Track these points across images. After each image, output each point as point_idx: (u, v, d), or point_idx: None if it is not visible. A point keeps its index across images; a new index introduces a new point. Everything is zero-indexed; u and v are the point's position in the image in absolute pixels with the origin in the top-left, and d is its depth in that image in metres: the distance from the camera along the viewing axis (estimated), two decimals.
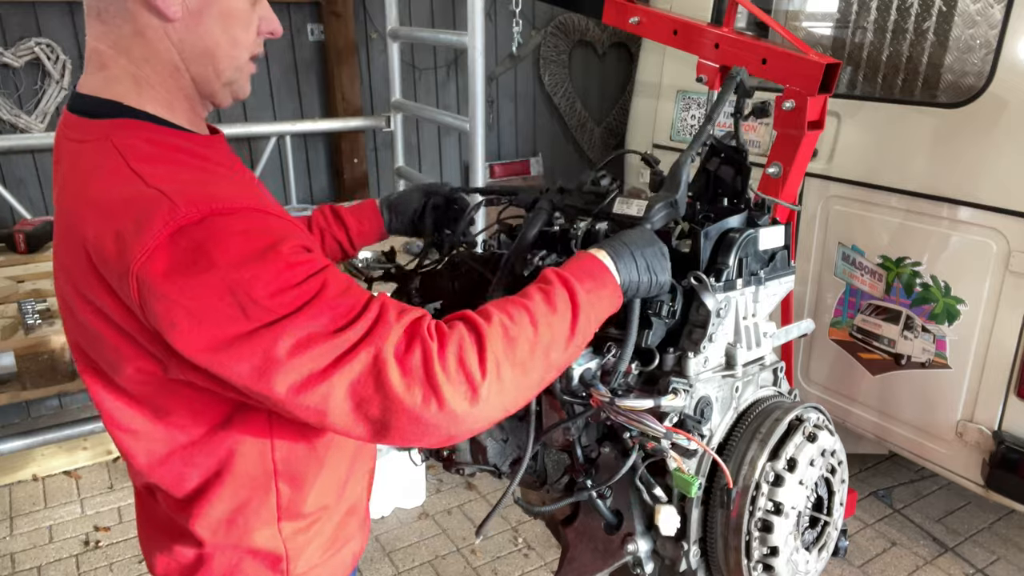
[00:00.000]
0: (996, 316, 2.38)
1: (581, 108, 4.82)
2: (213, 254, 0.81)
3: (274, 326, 0.81)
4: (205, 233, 0.82)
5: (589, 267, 1.00)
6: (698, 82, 2.35)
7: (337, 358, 0.82)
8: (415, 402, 0.83)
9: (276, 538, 1.06)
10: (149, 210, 0.82)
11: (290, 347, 0.81)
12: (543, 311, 0.92)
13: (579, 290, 0.96)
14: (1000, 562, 2.82)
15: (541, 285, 0.96)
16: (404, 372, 0.83)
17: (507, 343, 0.88)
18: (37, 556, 2.83)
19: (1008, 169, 2.30)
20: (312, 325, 0.82)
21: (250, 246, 0.83)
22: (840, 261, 2.81)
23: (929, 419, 2.62)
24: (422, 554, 2.85)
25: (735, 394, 1.19)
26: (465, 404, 0.84)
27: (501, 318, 0.90)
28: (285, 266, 0.83)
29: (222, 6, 0.94)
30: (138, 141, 0.90)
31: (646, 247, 1.04)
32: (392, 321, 0.85)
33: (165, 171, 0.87)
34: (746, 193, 1.26)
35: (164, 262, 0.81)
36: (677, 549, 1.16)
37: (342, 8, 3.78)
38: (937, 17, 2.64)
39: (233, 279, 0.81)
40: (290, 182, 3.82)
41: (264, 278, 0.82)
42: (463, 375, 0.85)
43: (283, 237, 0.85)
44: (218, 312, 0.81)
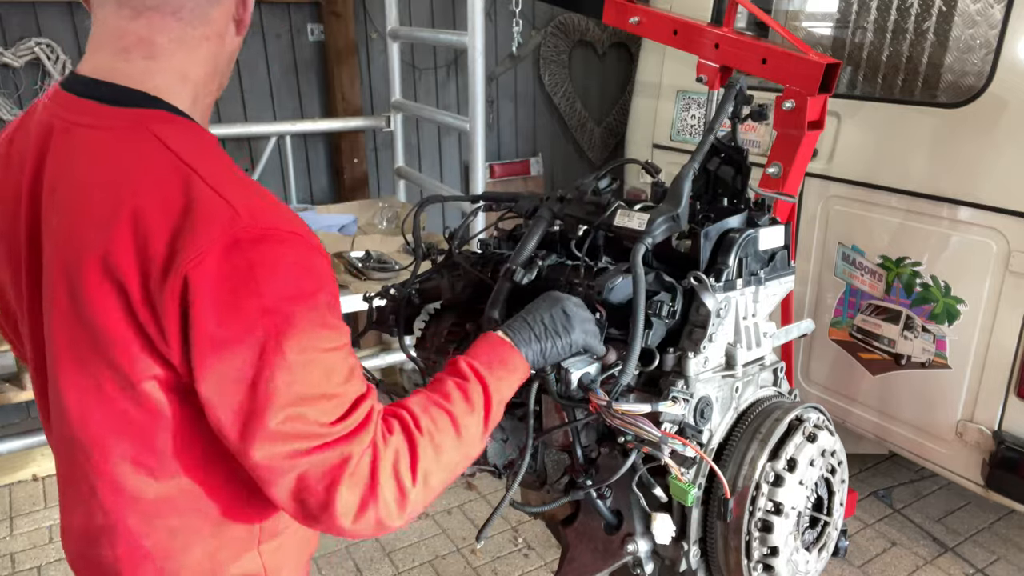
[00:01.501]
0: (996, 316, 2.38)
1: (581, 108, 4.81)
2: (261, 282, 0.82)
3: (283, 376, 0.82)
4: (259, 256, 0.82)
5: (499, 353, 1.05)
6: (698, 82, 2.35)
7: (316, 447, 0.85)
8: (353, 504, 0.87)
9: (256, 560, 1.06)
10: (211, 213, 0.82)
11: (284, 418, 0.83)
12: (463, 411, 0.98)
13: (491, 383, 1.01)
14: (1000, 562, 2.82)
15: (458, 380, 1.01)
16: (353, 479, 0.86)
17: (435, 451, 0.93)
18: (37, 556, 2.83)
19: (1008, 169, 2.30)
20: (312, 403, 0.84)
21: (297, 286, 0.84)
22: (840, 261, 2.81)
23: (929, 419, 2.62)
24: (422, 554, 2.85)
25: (735, 394, 1.19)
26: (393, 507, 0.89)
27: (429, 427, 0.94)
28: (320, 323, 0.85)
29: (246, 23, 1.00)
30: (180, 132, 0.90)
31: (545, 313, 1.08)
32: (371, 425, 0.89)
33: (215, 168, 0.87)
34: (746, 193, 1.26)
35: (214, 274, 0.80)
36: (677, 549, 1.16)
37: (342, 8, 3.78)
38: (937, 17, 2.64)
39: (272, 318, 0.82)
40: (290, 182, 3.81)
41: (298, 331, 0.83)
42: (396, 482, 0.89)
43: (324, 282, 0.87)
44: (240, 341, 0.81)
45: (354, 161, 4.06)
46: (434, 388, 1.00)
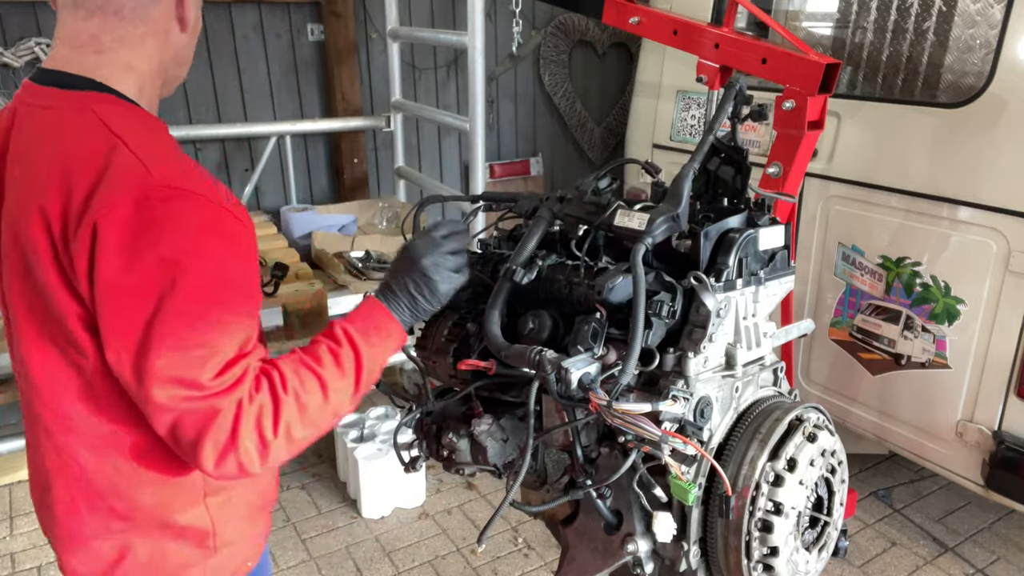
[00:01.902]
0: (996, 316, 2.38)
1: (581, 108, 4.81)
2: (164, 234, 0.92)
3: (169, 335, 0.92)
4: (166, 211, 0.93)
5: (374, 318, 1.14)
6: (698, 82, 2.35)
7: (192, 397, 0.94)
8: (214, 453, 0.97)
9: (204, 515, 1.14)
10: (125, 170, 0.94)
11: (168, 363, 0.93)
12: (332, 375, 1.06)
13: (364, 350, 1.10)
14: (1000, 562, 2.82)
15: (330, 345, 1.09)
16: (217, 430, 0.96)
17: (299, 409, 1.02)
18: (37, 556, 2.83)
19: (1008, 169, 2.30)
20: (193, 357, 0.94)
21: (200, 242, 0.94)
22: (840, 261, 2.81)
23: (929, 419, 2.62)
24: (422, 554, 2.85)
25: (735, 394, 1.19)
26: (254, 456, 0.99)
27: (296, 387, 1.02)
28: (219, 281, 0.95)
29: (196, 20, 1.11)
30: (119, 111, 1.01)
31: (408, 278, 1.15)
32: (245, 383, 0.98)
33: (143, 140, 0.98)
34: (746, 193, 1.26)
35: (122, 222, 0.91)
36: (677, 549, 1.16)
37: (342, 8, 3.78)
38: (937, 17, 2.64)
39: (169, 266, 0.92)
40: (290, 182, 3.82)
41: (192, 282, 0.93)
42: (258, 435, 0.98)
43: (231, 244, 0.97)
44: (138, 286, 0.92)
45: (354, 161, 4.07)
46: (309, 351, 1.08)
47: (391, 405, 3.23)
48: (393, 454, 2.78)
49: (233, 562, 1.22)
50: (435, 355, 1.30)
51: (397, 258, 1.19)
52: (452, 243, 1.18)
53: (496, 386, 1.26)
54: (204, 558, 1.17)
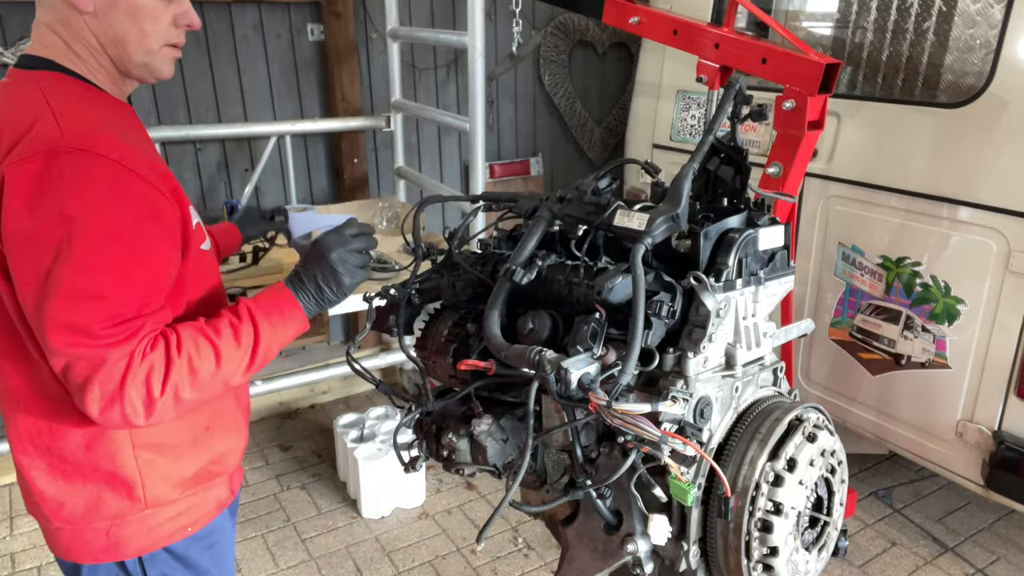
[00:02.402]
0: (996, 316, 2.38)
1: (581, 108, 4.81)
2: (68, 188, 1.00)
3: (65, 283, 1.00)
4: (72, 167, 1.01)
5: (278, 302, 1.23)
6: (698, 82, 2.35)
7: (83, 344, 1.02)
8: (100, 400, 1.05)
9: (131, 464, 1.22)
10: (42, 131, 1.04)
11: (65, 308, 1.01)
12: (228, 346, 1.15)
13: (264, 327, 1.19)
14: (1000, 562, 2.82)
15: (232, 319, 1.18)
16: (104, 378, 1.04)
17: (190, 373, 1.10)
18: (37, 556, 2.83)
19: (1008, 169, 2.30)
20: (86, 305, 1.01)
21: (102, 197, 1.02)
22: (840, 261, 2.81)
23: (929, 419, 2.62)
24: (422, 554, 2.85)
25: (735, 394, 1.19)
26: (139, 409, 1.07)
27: (190, 351, 1.11)
28: (121, 236, 1.03)
29: (128, 3, 1.15)
30: (60, 84, 1.14)
31: (318, 271, 1.25)
32: (136, 339, 1.05)
33: (72, 109, 1.08)
34: (746, 193, 1.26)
35: (29, 175, 1.00)
36: (677, 549, 1.16)
37: (342, 8, 3.78)
38: (937, 17, 2.64)
39: (68, 220, 1.00)
40: (290, 182, 3.81)
41: (90, 235, 1.01)
42: (145, 390, 1.06)
43: (136, 202, 1.05)
44: (40, 235, 1.00)
45: (354, 161, 4.06)
46: (211, 322, 1.16)
47: (391, 405, 3.22)
48: (393, 454, 2.78)
49: (171, 524, 1.30)
50: (435, 355, 1.30)
51: (308, 251, 1.28)
52: (360, 241, 1.29)
53: (496, 386, 1.25)
54: (135, 510, 1.25)
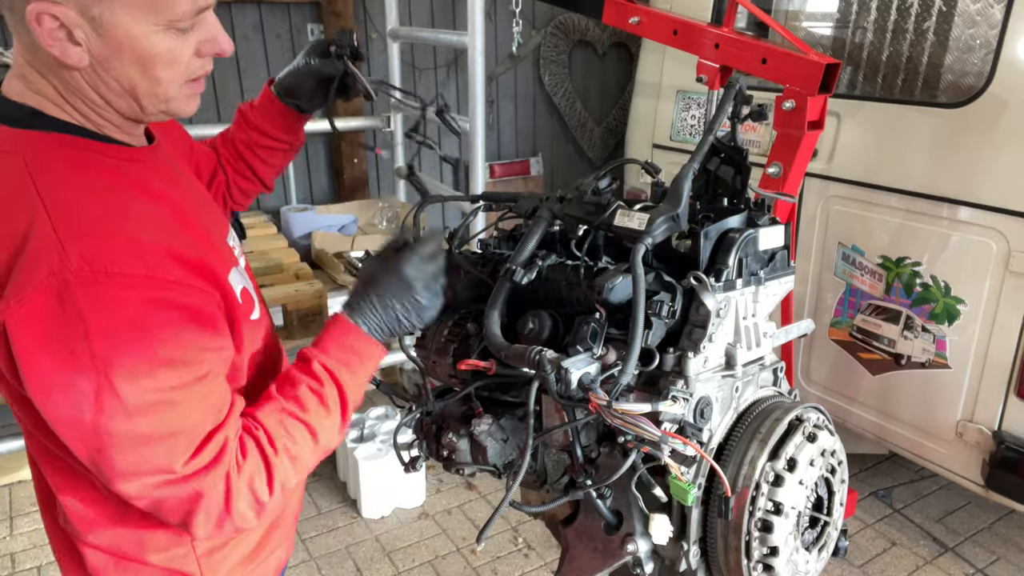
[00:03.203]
0: (996, 316, 2.38)
1: (581, 108, 4.81)
2: (91, 327, 0.79)
3: (122, 422, 0.82)
4: (90, 301, 0.79)
5: (351, 343, 1.05)
6: (698, 82, 2.35)
7: (163, 483, 0.86)
8: (209, 525, 0.91)
9: (189, 556, 1.06)
10: (38, 251, 0.80)
11: (130, 460, 0.84)
12: (319, 417, 1.00)
13: (346, 381, 1.03)
14: (1000, 562, 2.82)
15: (311, 384, 1.00)
16: (208, 505, 0.90)
17: (291, 462, 0.97)
18: (37, 556, 2.83)
19: (1008, 169, 2.30)
20: (157, 444, 0.84)
21: (133, 329, 0.81)
22: (840, 261, 2.81)
23: (929, 419, 2.62)
24: (422, 554, 2.85)
25: (735, 394, 1.19)
26: (251, 516, 0.94)
27: (286, 443, 0.96)
28: (163, 363, 0.83)
29: (136, 51, 0.87)
30: (53, 159, 0.86)
31: (392, 298, 1.06)
32: (224, 459, 0.90)
33: (75, 204, 0.83)
34: (746, 193, 1.26)
35: (38, 317, 0.79)
36: (677, 549, 1.16)
37: (342, 8, 3.78)
38: (937, 17, 2.64)
39: (103, 359, 0.79)
40: (290, 182, 3.82)
41: (135, 371, 0.81)
42: (253, 499, 0.93)
43: (169, 321, 0.84)
44: (73, 386, 0.80)
45: (354, 161, 4.07)
46: (288, 394, 1.00)
47: (391, 405, 3.22)
48: (393, 454, 2.78)
49: None
50: (435, 355, 1.30)
51: (375, 273, 1.08)
52: (439, 263, 1.11)
53: (496, 386, 1.25)
54: None
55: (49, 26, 0.82)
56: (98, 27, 0.84)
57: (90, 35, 0.84)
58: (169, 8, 0.86)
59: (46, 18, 0.82)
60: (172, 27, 0.88)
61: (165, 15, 0.86)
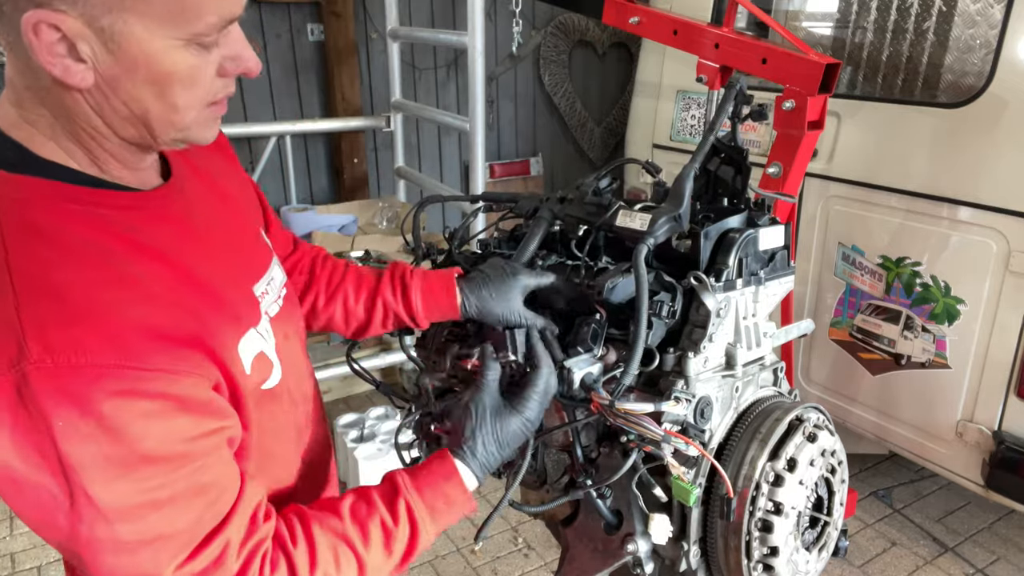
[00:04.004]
0: (996, 316, 2.38)
1: (581, 108, 4.81)
2: (55, 430, 0.68)
3: (100, 528, 0.72)
4: (53, 398, 0.68)
5: (447, 490, 0.95)
6: (698, 82, 2.35)
7: None
8: None
9: None
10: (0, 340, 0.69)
11: (112, 568, 0.74)
12: (376, 557, 0.88)
13: (422, 530, 0.91)
14: (1000, 562, 2.82)
15: (385, 520, 0.89)
16: None
17: None
18: (37, 556, 2.83)
19: (1008, 169, 2.30)
20: (143, 550, 0.74)
21: (105, 432, 0.70)
22: (840, 261, 2.81)
23: (929, 419, 2.62)
24: (422, 554, 2.85)
25: (735, 394, 1.19)
26: None
27: (327, 571, 0.84)
28: (141, 461, 0.73)
29: (152, 70, 0.74)
30: (40, 213, 0.74)
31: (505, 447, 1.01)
32: (228, 563, 0.78)
33: (46, 272, 0.72)
34: (746, 193, 1.26)
35: (3, 417, 0.69)
36: (677, 549, 1.16)
37: (342, 8, 3.78)
38: (937, 17, 2.64)
39: (71, 462, 0.70)
40: (290, 182, 3.82)
41: (108, 473, 0.71)
42: None
43: (155, 416, 0.73)
44: (47, 493, 0.71)
45: (354, 161, 4.07)
46: (358, 518, 0.89)
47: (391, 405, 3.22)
48: (393, 454, 2.78)
49: None
50: (435, 355, 1.30)
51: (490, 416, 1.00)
52: None
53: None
54: None
55: (49, 39, 0.70)
56: (108, 41, 0.72)
57: (98, 50, 0.72)
58: (193, 20, 0.74)
59: (45, 29, 0.69)
60: (194, 42, 0.75)
61: (188, 28, 0.74)
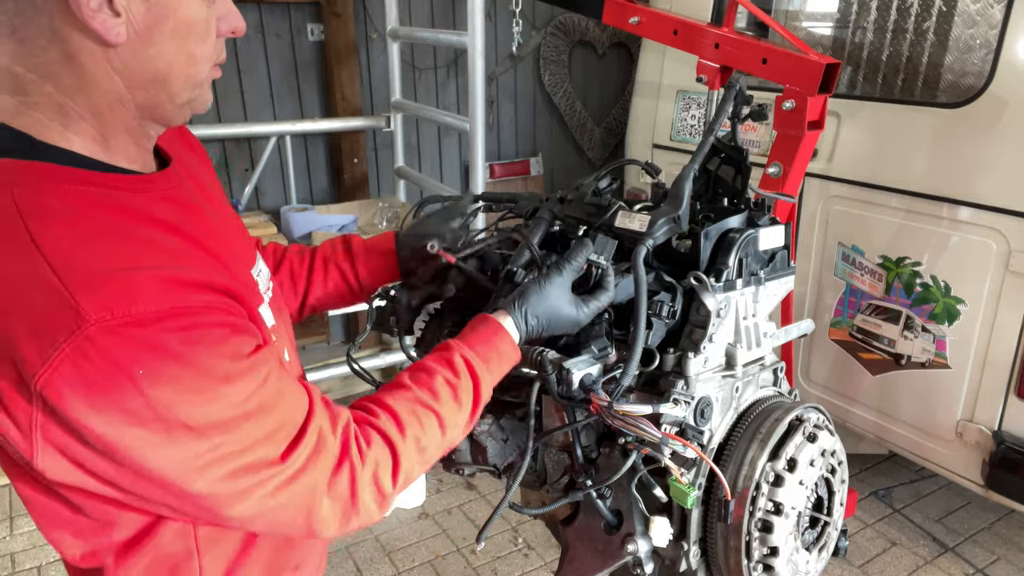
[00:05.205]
0: (996, 316, 2.38)
1: (581, 108, 4.81)
2: (134, 374, 0.71)
3: (209, 453, 0.76)
4: (122, 347, 0.71)
5: (496, 343, 1.03)
6: (698, 82, 2.35)
7: (275, 488, 0.81)
8: (335, 522, 0.87)
9: None
10: (51, 310, 0.70)
11: (225, 475, 0.78)
12: (450, 411, 0.97)
13: (483, 378, 1.00)
14: (1000, 562, 2.82)
15: (448, 377, 0.98)
16: (332, 499, 0.85)
17: (419, 454, 0.94)
18: (37, 556, 2.83)
19: (1008, 169, 2.30)
20: (251, 453, 0.79)
21: (176, 362, 0.73)
22: (840, 261, 2.81)
23: (929, 419, 2.62)
24: (422, 554, 2.85)
25: (735, 394, 1.19)
26: (374, 511, 0.90)
27: (416, 432, 0.93)
28: (221, 382, 0.77)
29: (177, 19, 0.78)
30: (50, 196, 0.75)
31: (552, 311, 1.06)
32: (329, 443, 0.85)
33: (77, 247, 0.73)
34: (746, 193, 1.26)
35: (73, 379, 0.70)
36: (677, 549, 1.16)
37: (342, 8, 3.78)
38: (937, 17, 2.64)
39: (162, 403, 0.73)
40: (290, 182, 3.81)
41: (198, 402, 0.75)
42: (376, 491, 0.89)
43: (216, 343, 0.77)
44: (143, 440, 0.73)
45: (354, 161, 4.06)
46: (422, 382, 0.97)
47: None
48: None
49: None
50: None
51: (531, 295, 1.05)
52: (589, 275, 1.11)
53: (496, 386, 1.25)
54: None
55: None
56: None
57: (132, 1, 0.75)
58: None
59: None
60: None
61: None
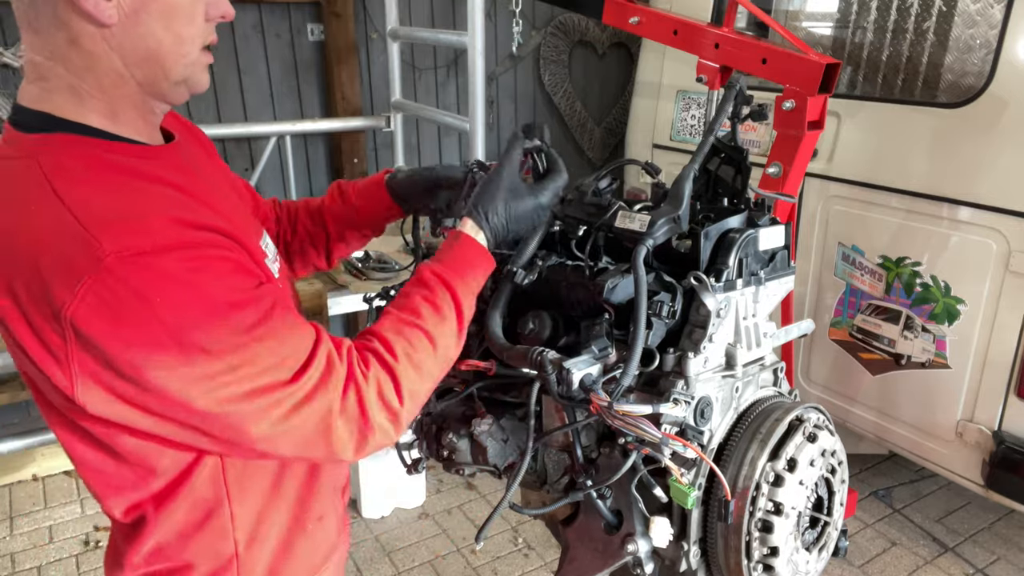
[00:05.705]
0: (996, 316, 2.38)
1: (581, 108, 4.81)
2: (150, 299, 0.79)
3: (224, 375, 0.84)
4: (138, 275, 0.79)
5: (465, 255, 1.09)
6: (698, 82, 2.35)
7: (291, 408, 0.88)
8: (352, 443, 0.93)
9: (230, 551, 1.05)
10: (73, 247, 0.79)
11: (241, 394, 0.85)
12: (434, 323, 1.02)
13: (459, 289, 1.05)
14: (1000, 562, 2.82)
15: (424, 293, 1.03)
16: (345, 420, 0.92)
17: (415, 371, 0.98)
18: (37, 556, 2.83)
19: (1008, 169, 2.30)
20: (264, 375, 0.86)
21: (191, 290, 0.82)
22: (840, 261, 2.81)
23: (929, 419, 2.62)
24: (422, 554, 2.85)
25: (735, 394, 1.19)
26: (389, 428, 0.96)
27: (405, 349, 0.98)
28: (230, 308, 0.84)
29: (161, 2, 0.89)
30: (68, 159, 0.86)
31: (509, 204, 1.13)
32: (337, 367, 0.92)
33: (93, 197, 0.83)
34: (746, 193, 1.26)
35: (97, 307, 0.79)
36: (677, 549, 1.16)
37: (342, 8, 3.78)
38: (937, 17, 2.64)
39: (176, 326, 0.80)
40: (290, 182, 3.81)
41: (209, 325, 0.82)
42: (385, 408, 0.95)
43: (222, 274, 0.86)
44: (162, 362, 0.81)
45: (354, 161, 4.06)
46: (402, 305, 1.03)
47: None
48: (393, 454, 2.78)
49: None
50: None
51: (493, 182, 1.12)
52: None
53: (496, 386, 1.26)
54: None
55: None
56: None
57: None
58: None
59: None
60: None
61: None
